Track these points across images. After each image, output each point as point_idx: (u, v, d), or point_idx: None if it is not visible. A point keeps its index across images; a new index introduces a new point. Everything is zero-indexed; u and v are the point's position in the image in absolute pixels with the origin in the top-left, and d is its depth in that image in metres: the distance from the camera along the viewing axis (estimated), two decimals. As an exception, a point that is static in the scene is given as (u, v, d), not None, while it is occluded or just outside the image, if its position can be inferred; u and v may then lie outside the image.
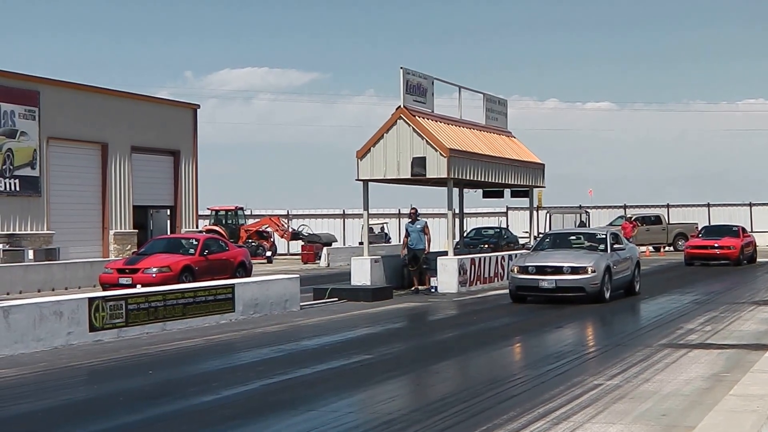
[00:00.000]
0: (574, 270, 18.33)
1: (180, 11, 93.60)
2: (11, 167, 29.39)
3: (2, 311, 12.59)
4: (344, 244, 46.80)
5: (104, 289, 20.59)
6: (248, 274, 23.37)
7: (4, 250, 28.15)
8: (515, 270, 19.02)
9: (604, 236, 20.03)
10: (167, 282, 20.04)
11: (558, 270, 18.44)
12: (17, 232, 29.45)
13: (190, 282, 20.37)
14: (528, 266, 18.69)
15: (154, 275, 20.93)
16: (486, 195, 28.55)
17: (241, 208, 44.25)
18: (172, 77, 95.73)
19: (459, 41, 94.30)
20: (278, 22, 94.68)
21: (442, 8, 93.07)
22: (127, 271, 21.43)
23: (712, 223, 43.23)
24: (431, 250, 22.62)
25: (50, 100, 30.97)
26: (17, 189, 29.57)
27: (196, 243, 22.97)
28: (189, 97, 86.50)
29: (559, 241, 20.57)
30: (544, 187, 28.46)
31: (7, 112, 29.33)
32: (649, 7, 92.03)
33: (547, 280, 18.38)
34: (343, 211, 51.20)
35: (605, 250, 19.32)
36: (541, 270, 18.52)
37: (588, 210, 46.27)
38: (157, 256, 22.03)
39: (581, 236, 20.94)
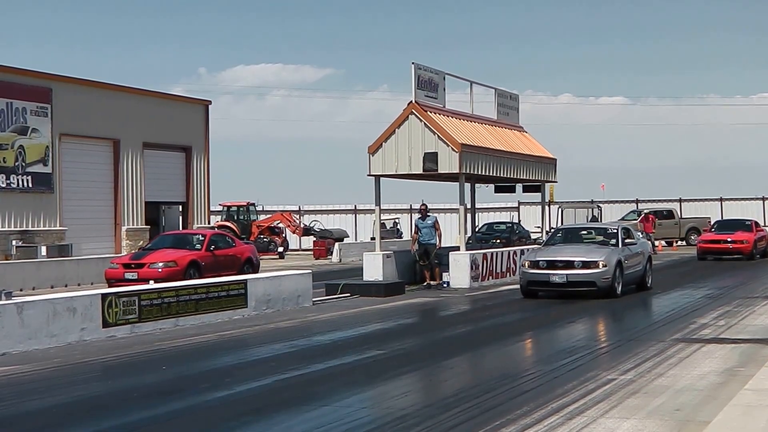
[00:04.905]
0: (585, 264, 18.23)
1: (194, 8, 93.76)
2: (23, 164, 29.49)
3: (16, 307, 12.64)
4: (356, 240, 46.77)
5: (110, 285, 20.58)
6: (255, 270, 23.32)
7: (17, 247, 28.29)
8: (526, 265, 18.92)
9: (615, 231, 19.95)
10: (173, 277, 20.03)
11: (569, 264, 18.33)
12: (30, 228, 29.57)
13: (196, 277, 20.36)
14: (539, 261, 18.62)
15: (160, 270, 20.95)
16: (498, 190, 28.48)
17: (253, 204, 44.28)
18: (186, 74, 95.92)
19: (472, 37, 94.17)
20: (292, 19, 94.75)
21: (455, 3, 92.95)
22: (132, 266, 21.49)
23: (724, 218, 43.01)
24: (441, 245, 22.60)
25: (62, 97, 31.06)
26: (30, 186, 29.67)
27: (203, 238, 23.01)
28: (203, 94, 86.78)
29: (570, 236, 20.53)
30: (556, 182, 28.39)
31: (19, 109, 29.42)
32: (662, 1, 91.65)
33: (558, 275, 18.28)
34: (355, 206, 51.19)
35: (616, 244, 19.22)
36: (552, 264, 18.43)
37: (600, 205, 46.06)
38: (163, 251, 22.09)
39: (592, 231, 20.90)
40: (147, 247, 23.49)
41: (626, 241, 19.56)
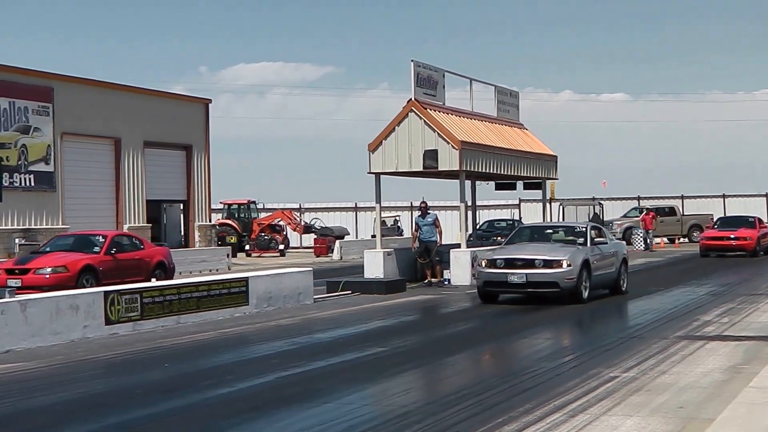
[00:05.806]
0: (548, 263, 16.67)
1: (194, 6, 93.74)
2: (25, 163, 29.52)
3: (20, 305, 12.66)
4: (357, 237, 46.80)
5: None
6: (169, 276, 21.50)
7: (20, 245, 28.30)
8: (483, 264, 17.31)
9: (583, 229, 18.42)
10: (64, 284, 18.00)
11: (529, 263, 16.80)
12: (33, 227, 29.58)
13: (91, 285, 18.47)
14: (496, 259, 17.15)
15: (47, 276, 18.92)
16: (498, 187, 28.46)
17: (254, 202, 44.33)
18: (187, 72, 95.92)
19: (472, 34, 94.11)
20: (292, 17, 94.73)
21: (456, 1, 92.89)
22: (17, 271, 19.30)
23: (727, 214, 42.94)
24: (442, 242, 22.57)
25: (64, 96, 31.06)
26: (32, 184, 29.69)
27: (103, 240, 20.86)
28: (204, 92, 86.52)
29: (535, 234, 19.06)
30: (557, 179, 28.33)
31: (21, 108, 29.44)
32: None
33: (517, 275, 16.71)
34: (356, 204, 51.22)
35: (584, 243, 17.69)
36: (511, 263, 16.89)
37: (602, 202, 46.01)
38: (55, 254, 20.02)
39: (560, 229, 19.54)
40: (39, 250, 21.36)
41: (596, 240, 18.03)
